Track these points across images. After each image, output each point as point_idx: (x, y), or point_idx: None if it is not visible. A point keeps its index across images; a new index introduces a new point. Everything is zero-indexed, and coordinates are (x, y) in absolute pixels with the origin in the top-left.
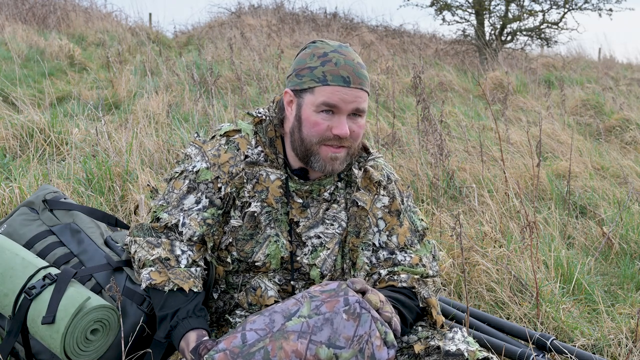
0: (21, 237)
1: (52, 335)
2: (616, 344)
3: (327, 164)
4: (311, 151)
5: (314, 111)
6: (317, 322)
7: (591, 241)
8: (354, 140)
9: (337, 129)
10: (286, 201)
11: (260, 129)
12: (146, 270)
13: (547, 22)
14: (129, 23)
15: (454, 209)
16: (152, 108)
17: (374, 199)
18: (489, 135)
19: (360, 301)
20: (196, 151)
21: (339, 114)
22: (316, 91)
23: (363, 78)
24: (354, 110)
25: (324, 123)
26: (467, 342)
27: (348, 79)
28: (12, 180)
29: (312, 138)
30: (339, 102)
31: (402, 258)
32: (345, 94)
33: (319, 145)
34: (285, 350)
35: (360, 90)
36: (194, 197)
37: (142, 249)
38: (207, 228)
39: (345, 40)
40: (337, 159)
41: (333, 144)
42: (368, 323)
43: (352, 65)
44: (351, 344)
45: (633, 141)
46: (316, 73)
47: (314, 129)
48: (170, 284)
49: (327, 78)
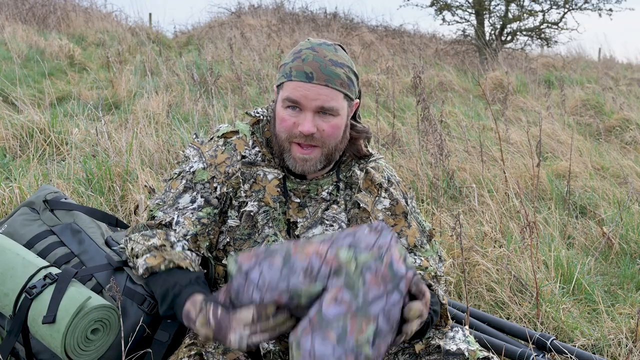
0: (22, 237)
1: (52, 334)
2: (616, 344)
3: (297, 163)
4: (283, 148)
5: (282, 107)
6: (341, 234)
7: (591, 241)
8: (326, 140)
9: (301, 126)
10: (284, 201)
11: (257, 129)
12: (142, 258)
13: (547, 22)
14: (129, 23)
15: (454, 209)
16: (152, 108)
17: (375, 201)
18: (489, 135)
19: (383, 225)
20: (194, 152)
21: (304, 111)
22: (284, 87)
23: (332, 76)
24: (319, 108)
25: (290, 119)
26: (467, 342)
27: (311, 74)
28: (12, 180)
29: (281, 134)
30: (300, 98)
31: (412, 261)
32: (307, 90)
33: (289, 142)
34: (307, 250)
35: (326, 88)
36: (189, 196)
37: (137, 243)
38: (202, 227)
39: (345, 40)
40: (308, 160)
41: (301, 142)
42: (389, 237)
43: (320, 62)
44: (371, 248)
45: (633, 141)
46: (285, 69)
47: (282, 125)
48: (166, 262)
49: (292, 74)
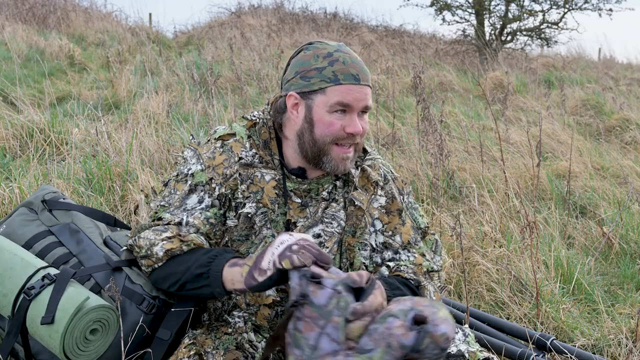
0: (20, 238)
1: (51, 335)
2: (616, 344)
3: (339, 164)
4: (324, 151)
5: (327, 111)
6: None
7: (591, 241)
8: (362, 137)
9: (351, 128)
10: (283, 202)
11: (253, 132)
12: (158, 245)
13: (547, 22)
14: (129, 23)
15: (454, 209)
16: (152, 108)
17: (371, 199)
18: (489, 135)
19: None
20: (192, 153)
21: (351, 113)
22: (328, 91)
23: (368, 75)
24: (364, 107)
25: (338, 123)
26: (467, 343)
27: (358, 76)
28: (12, 180)
29: (326, 138)
30: (352, 101)
31: (405, 257)
32: (357, 92)
33: (332, 145)
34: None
35: (368, 87)
36: (196, 197)
37: (147, 239)
38: (210, 227)
39: (345, 40)
40: (348, 158)
41: (345, 143)
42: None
43: (358, 63)
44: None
45: (633, 141)
46: (326, 73)
47: (329, 130)
48: (186, 245)
49: (339, 77)
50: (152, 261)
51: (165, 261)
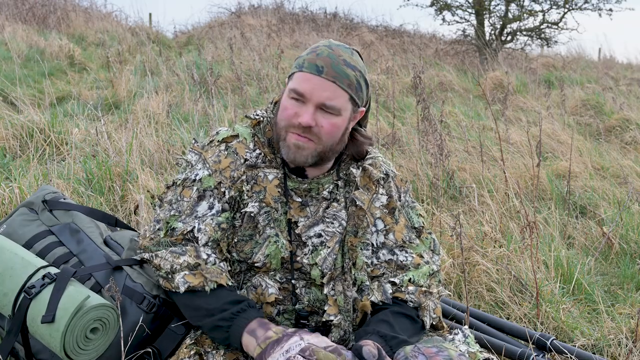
0: (20, 237)
1: (51, 334)
2: (616, 344)
3: (291, 150)
4: (280, 136)
5: (287, 96)
6: None
7: (591, 241)
8: (322, 136)
9: (300, 117)
10: (285, 201)
11: (258, 130)
12: (179, 275)
13: (547, 22)
14: (129, 23)
15: (454, 209)
16: (152, 108)
17: (373, 199)
18: (489, 135)
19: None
20: (196, 158)
21: (307, 103)
22: (294, 77)
23: (342, 74)
24: (320, 104)
25: (292, 109)
26: (467, 343)
27: (321, 68)
28: (12, 180)
29: (281, 122)
30: (305, 90)
31: (403, 259)
32: (314, 83)
33: (286, 131)
34: None
35: (333, 84)
36: (206, 203)
37: (166, 260)
38: (222, 233)
39: (345, 40)
40: (303, 148)
41: (298, 133)
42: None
43: (333, 59)
44: None
45: (633, 141)
46: (299, 60)
47: (283, 113)
48: (209, 284)
49: (304, 65)
50: (171, 286)
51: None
